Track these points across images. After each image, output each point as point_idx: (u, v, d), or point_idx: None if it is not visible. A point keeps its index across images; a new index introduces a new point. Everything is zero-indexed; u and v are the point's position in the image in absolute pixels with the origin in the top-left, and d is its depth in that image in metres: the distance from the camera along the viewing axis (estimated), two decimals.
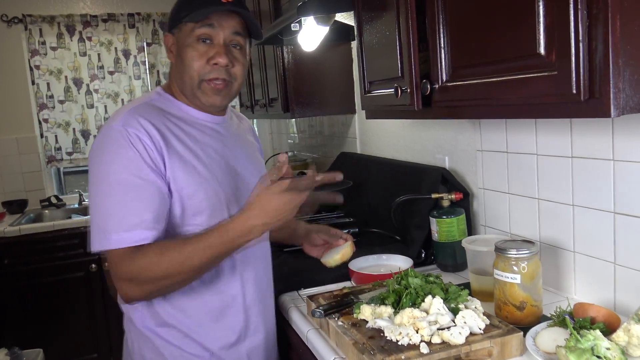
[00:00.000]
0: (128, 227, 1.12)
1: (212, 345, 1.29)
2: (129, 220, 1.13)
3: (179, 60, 1.27)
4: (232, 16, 1.24)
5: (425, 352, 1.07)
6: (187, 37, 1.24)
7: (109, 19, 4.01)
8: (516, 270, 1.21)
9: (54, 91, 3.95)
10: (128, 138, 1.15)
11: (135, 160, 1.15)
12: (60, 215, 3.78)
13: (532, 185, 1.49)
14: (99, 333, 3.43)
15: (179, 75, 1.28)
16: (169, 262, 1.13)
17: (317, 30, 2.07)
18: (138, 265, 1.13)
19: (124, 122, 1.17)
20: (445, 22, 1.17)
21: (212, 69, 1.24)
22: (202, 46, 1.23)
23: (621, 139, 1.21)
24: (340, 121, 2.87)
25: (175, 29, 1.27)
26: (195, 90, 1.26)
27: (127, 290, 1.16)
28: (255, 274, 1.36)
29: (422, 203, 1.76)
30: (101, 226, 1.14)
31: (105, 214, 1.14)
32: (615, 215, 1.24)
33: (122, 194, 1.14)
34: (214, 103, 1.28)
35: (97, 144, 1.19)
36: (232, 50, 1.26)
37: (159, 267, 1.13)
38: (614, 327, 1.08)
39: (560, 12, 0.86)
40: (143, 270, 1.13)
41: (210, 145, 1.29)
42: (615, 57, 0.81)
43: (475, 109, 1.16)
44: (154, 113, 1.23)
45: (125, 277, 1.15)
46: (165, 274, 1.13)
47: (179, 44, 1.26)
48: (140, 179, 1.15)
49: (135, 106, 1.22)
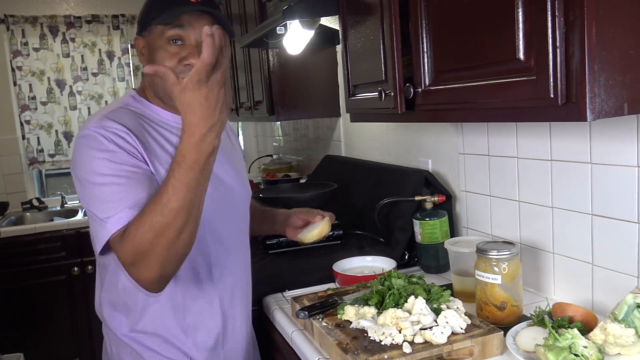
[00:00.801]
0: (110, 215, 1.08)
1: (191, 351, 1.28)
2: (112, 208, 1.08)
3: (150, 63, 1.23)
4: (202, 16, 1.21)
5: (408, 351, 1.08)
6: (157, 39, 1.21)
7: (93, 20, 3.98)
8: (497, 271, 1.23)
9: (37, 92, 3.91)
10: (107, 138, 1.12)
11: (120, 154, 1.12)
12: (42, 217, 3.74)
13: (512, 188, 1.52)
14: (81, 337, 3.39)
15: (151, 78, 1.25)
16: (150, 221, 1.03)
17: (302, 34, 2.08)
18: (129, 244, 1.05)
19: (99, 126, 1.14)
20: (428, 27, 1.19)
21: (184, 69, 1.19)
22: (174, 47, 1.20)
23: (598, 142, 1.24)
24: (325, 124, 2.89)
25: (145, 31, 1.24)
26: (168, 91, 1.19)
27: (138, 275, 1.06)
28: (234, 278, 1.35)
29: (405, 205, 1.78)
30: (95, 227, 1.11)
31: (96, 214, 1.11)
32: (593, 217, 1.27)
33: (112, 182, 1.10)
34: None
35: (76, 150, 1.16)
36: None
37: (144, 231, 1.03)
38: (591, 326, 1.10)
39: (539, 18, 0.89)
40: (135, 246, 1.04)
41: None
42: (591, 62, 0.84)
43: (457, 113, 1.18)
44: (130, 117, 1.20)
45: (128, 262, 1.06)
46: (154, 233, 1.03)
47: (149, 46, 1.23)
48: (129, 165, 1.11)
49: (110, 111, 1.19)
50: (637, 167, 1.15)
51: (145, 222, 1.04)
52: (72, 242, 3.38)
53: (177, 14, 1.18)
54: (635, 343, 1.03)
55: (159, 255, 1.04)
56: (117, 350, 1.29)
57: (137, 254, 1.05)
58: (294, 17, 1.83)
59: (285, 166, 3.41)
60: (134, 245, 1.04)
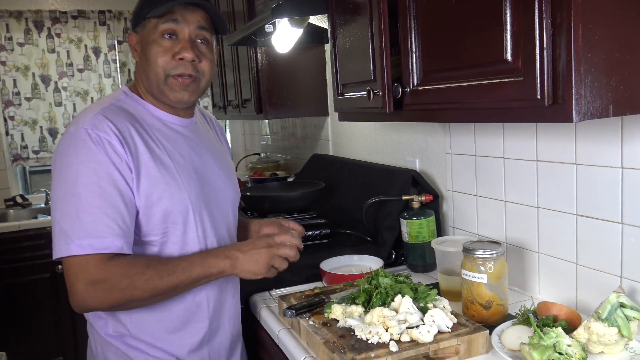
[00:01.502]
0: (99, 234, 1.10)
1: (177, 351, 1.28)
2: (99, 227, 1.10)
3: (144, 58, 1.23)
4: (196, 10, 1.22)
5: (394, 350, 1.08)
6: (150, 34, 1.21)
7: (79, 15, 3.94)
8: (483, 270, 1.24)
9: (21, 88, 3.85)
10: (98, 142, 1.12)
11: (105, 166, 1.12)
12: (26, 215, 3.69)
13: (499, 188, 1.53)
14: (65, 336, 3.35)
15: (144, 74, 1.25)
16: (149, 275, 1.11)
17: (291, 33, 2.08)
18: (112, 271, 1.10)
19: (92, 125, 1.14)
20: (417, 27, 1.20)
21: (177, 64, 1.21)
22: (167, 42, 1.20)
23: (583, 144, 1.25)
24: (313, 123, 2.89)
25: (138, 26, 1.24)
26: (162, 86, 1.23)
27: (88, 295, 1.10)
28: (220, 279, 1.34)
29: (393, 205, 1.79)
30: (67, 231, 1.10)
31: (72, 219, 1.10)
32: (578, 217, 1.29)
33: (92, 199, 1.10)
34: (181, 99, 1.25)
35: (64, 145, 1.15)
36: (198, 45, 1.23)
37: (143, 277, 1.11)
38: (575, 325, 1.12)
39: (526, 20, 0.89)
40: (122, 277, 1.10)
41: (177, 149, 1.26)
42: (578, 64, 0.85)
43: (445, 113, 1.19)
44: (122, 116, 1.19)
45: (93, 281, 1.09)
46: (145, 286, 1.11)
47: (143, 41, 1.24)
48: (111, 186, 1.12)
49: (103, 107, 1.19)
50: (620, 169, 1.17)
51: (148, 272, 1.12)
52: None
53: (170, 6, 1.18)
54: (618, 342, 1.04)
55: (124, 301, 1.13)
56: (102, 350, 1.27)
57: (109, 282, 1.10)
58: (283, 15, 1.83)
59: (272, 165, 3.41)
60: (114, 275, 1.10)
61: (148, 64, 1.22)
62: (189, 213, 1.23)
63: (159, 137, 1.24)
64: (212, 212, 1.30)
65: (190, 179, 1.25)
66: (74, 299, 1.12)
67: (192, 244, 1.25)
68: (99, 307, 1.15)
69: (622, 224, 1.18)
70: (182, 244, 1.23)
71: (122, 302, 1.13)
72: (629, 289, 1.17)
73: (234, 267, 1.18)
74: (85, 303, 1.12)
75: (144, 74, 1.25)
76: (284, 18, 1.93)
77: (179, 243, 1.23)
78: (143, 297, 1.13)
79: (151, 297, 1.14)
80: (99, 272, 1.09)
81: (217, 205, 1.32)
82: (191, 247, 1.24)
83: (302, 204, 2.19)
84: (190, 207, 1.23)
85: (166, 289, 1.14)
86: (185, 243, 1.23)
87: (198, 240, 1.26)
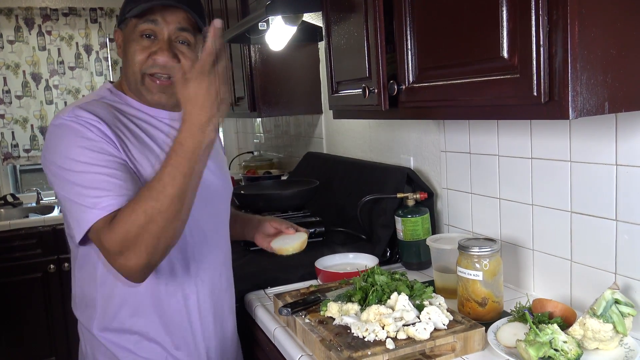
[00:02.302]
0: (97, 201, 1.07)
1: (168, 345, 1.27)
2: (98, 195, 1.07)
3: (125, 55, 1.24)
4: (177, 12, 1.20)
5: (391, 347, 1.08)
6: (131, 33, 1.21)
7: (70, 13, 3.91)
8: (478, 268, 1.25)
9: (11, 86, 3.82)
10: (83, 125, 1.11)
11: (97, 141, 1.11)
12: (17, 214, 3.66)
13: (493, 186, 1.53)
14: (57, 336, 3.33)
15: (124, 71, 1.26)
16: (144, 206, 1.03)
17: (284, 30, 2.07)
18: (119, 230, 1.04)
19: (72, 115, 1.13)
20: (412, 25, 1.19)
21: (153, 63, 1.20)
22: (146, 41, 1.20)
23: (578, 141, 1.26)
24: (306, 121, 2.88)
25: (122, 24, 1.25)
26: (139, 86, 1.23)
27: (125, 263, 1.05)
28: (213, 272, 1.34)
29: (387, 202, 1.79)
30: (77, 214, 1.09)
31: (77, 201, 1.08)
32: (572, 214, 1.29)
33: (93, 169, 1.08)
34: (159, 101, 1.24)
35: (52, 137, 1.14)
36: (177, 46, 1.22)
37: (136, 217, 1.03)
38: (570, 322, 1.12)
39: (523, 17, 0.89)
40: (125, 232, 1.03)
41: (166, 142, 1.23)
42: (574, 61, 0.85)
43: (440, 110, 1.19)
44: (105, 110, 1.19)
45: (115, 250, 1.05)
46: (147, 219, 1.02)
47: (125, 39, 1.24)
48: (107, 154, 1.11)
49: (83, 103, 1.19)
50: (615, 166, 1.17)
51: (138, 207, 1.03)
52: (48, 239, 3.32)
53: (147, 6, 1.18)
54: (613, 338, 1.05)
55: (149, 243, 1.04)
56: (91, 350, 1.27)
57: (126, 241, 1.03)
58: (277, 12, 1.82)
59: (266, 163, 3.40)
60: (125, 230, 1.03)
61: (127, 62, 1.23)
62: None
63: (147, 129, 1.24)
64: (205, 204, 1.28)
65: None
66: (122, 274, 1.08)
67: (185, 236, 1.23)
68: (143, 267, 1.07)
69: (617, 221, 1.18)
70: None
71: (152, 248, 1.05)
72: (624, 286, 1.17)
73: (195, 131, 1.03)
74: (130, 270, 1.06)
75: (125, 71, 1.26)
76: (278, 15, 1.92)
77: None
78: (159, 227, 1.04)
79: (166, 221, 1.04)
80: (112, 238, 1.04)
81: (211, 199, 1.31)
82: (184, 239, 1.23)
83: (296, 202, 2.19)
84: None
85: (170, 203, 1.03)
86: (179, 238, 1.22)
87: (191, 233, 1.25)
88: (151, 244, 1.04)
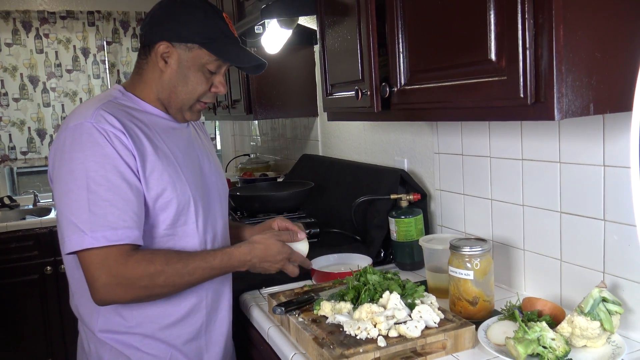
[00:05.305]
0: (112, 226, 1.10)
1: (175, 341, 1.29)
2: (111, 219, 1.10)
3: (180, 77, 1.25)
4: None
5: (382, 345, 1.10)
6: (197, 60, 1.24)
7: (68, 16, 3.92)
8: (469, 267, 1.27)
9: (9, 89, 3.83)
10: (104, 135, 1.13)
11: (113, 159, 1.13)
12: (14, 216, 3.66)
13: (485, 187, 1.55)
14: (54, 337, 3.33)
15: (168, 87, 1.26)
16: (173, 274, 1.16)
17: (280, 33, 2.09)
18: (137, 270, 1.12)
19: (96, 119, 1.14)
20: (404, 28, 1.21)
21: (211, 94, 1.30)
22: (209, 73, 1.27)
23: (567, 142, 1.28)
24: (302, 124, 2.90)
25: (182, 44, 1.23)
26: (185, 108, 1.29)
27: (114, 293, 1.12)
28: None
29: (381, 204, 1.80)
30: (79, 224, 1.10)
31: (83, 213, 1.10)
32: (562, 214, 1.31)
33: (102, 192, 1.11)
34: (191, 119, 1.34)
35: (67, 140, 1.15)
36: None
37: (163, 275, 1.15)
38: (559, 320, 1.14)
39: (509, 20, 0.91)
40: (144, 276, 1.13)
41: (176, 144, 1.29)
42: (559, 63, 0.87)
43: (431, 112, 1.21)
44: (122, 112, 1.21)
45: (119, 281, 1.11)
46: (165, 283, 1.16)
47: (182, 61, 1.24)
48: (120, 179, 1.13)
49: (103, 103, 1.20)
50: (603, 166, 1.19)
51: (167, 270, 1.16)
52: (45, 241, 3.33)
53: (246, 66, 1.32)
54: (601, 335, 1.07)
55: (144, 295, 1.18)
56: (95, 348, 1.27)
57: (135, 282, 1.13)
58: (272, 16, 1.85)
59: (262, 165, 3.42)
60: (140, 275, 1.13)
61: (184, 85, 1.26)
62: (190, 205, 1.26)
63: (159, 132, 1.27)
64: (209, 205, 1.33)
65: (190, 172, 1.29)
66: (96, 294, 1.14)
67: (192, 236, 1.27)
68: (120, 302, 1.19)
69: (605, 221, 1.20)
70: (182, 235, 1.26)
71: (142, 298, 1.19)
72: (611, 284, 1.19)
73: (246, 262, 1.28)
74: (108, 297, 1.14)
75: (168, 87, 1.27)
76: (274, 19, 1.94)
77: (178, 234, 1.25)
78: (162, 293, 1.20)
79: (170, 292, 1.22)
80: (119, 268, 1.11)
81: (212, 199, 1.36)
82: (190, 238, 1.27)
83: (291, 203, 2.21)
84: (192, 199, 1.26)
85: (185, 286, 1.22)
86: (185, 234, 1.26)
87: (197, 232, 1.28)
88: (144, 296, 1.18)
